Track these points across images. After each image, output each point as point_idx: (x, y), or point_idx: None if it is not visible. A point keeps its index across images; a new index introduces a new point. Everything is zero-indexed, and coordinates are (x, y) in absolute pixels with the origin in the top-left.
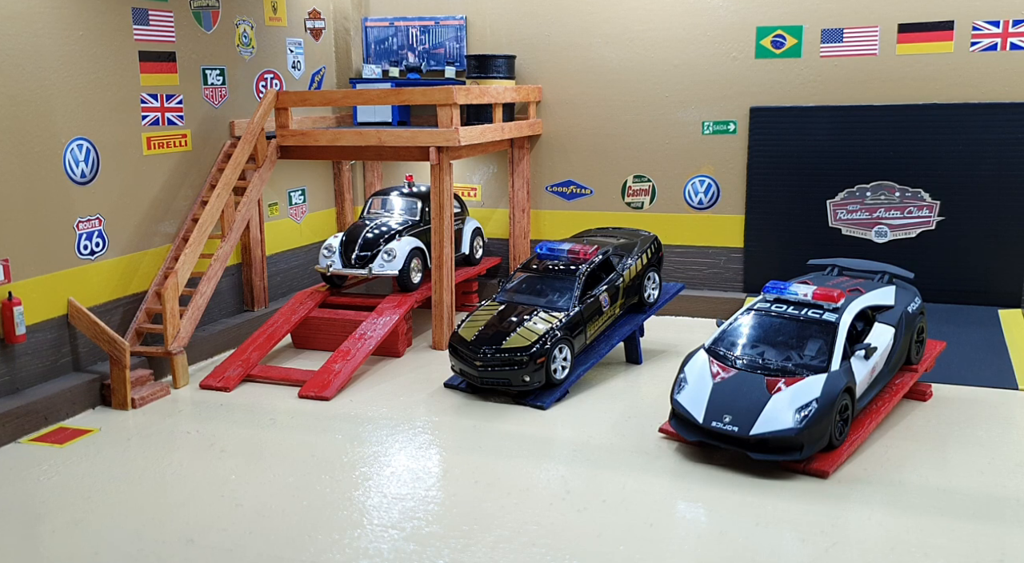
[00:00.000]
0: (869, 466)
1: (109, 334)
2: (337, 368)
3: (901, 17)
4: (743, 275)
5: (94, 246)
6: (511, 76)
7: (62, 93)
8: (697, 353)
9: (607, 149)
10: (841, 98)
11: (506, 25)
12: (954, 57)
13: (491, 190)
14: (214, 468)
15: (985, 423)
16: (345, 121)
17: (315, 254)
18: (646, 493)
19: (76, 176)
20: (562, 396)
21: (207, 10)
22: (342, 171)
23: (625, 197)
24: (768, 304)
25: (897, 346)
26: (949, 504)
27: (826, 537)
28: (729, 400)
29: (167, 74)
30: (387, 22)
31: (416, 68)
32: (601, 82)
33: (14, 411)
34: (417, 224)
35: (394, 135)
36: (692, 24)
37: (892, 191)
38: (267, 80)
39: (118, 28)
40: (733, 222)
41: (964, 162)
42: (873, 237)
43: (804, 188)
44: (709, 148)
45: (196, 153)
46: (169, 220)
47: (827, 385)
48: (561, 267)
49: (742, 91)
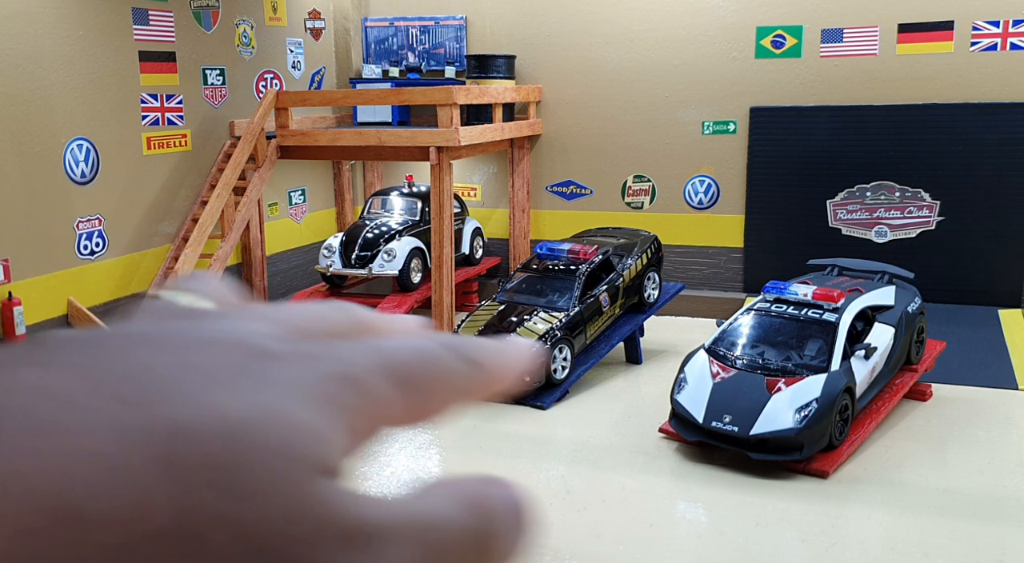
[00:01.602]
0: (869, 466)
1: None
2: None
3: (901, 17)
4: (743, 275)
5: (94, 246)
6: (511, 76)
7: (62, 93)
8: (697, 353)
9: (607, 149)
10: (841, 98)
11: (506, 25)
12: (954, 57)
13: (491, 190)
14: None
15: (985, 423)
16: (345, 121)
17: (315, 254)
18: (646, 493)
19: (76, 176)
20: (562, 396)
21: (207, 10)
22: (342, 171)
23: (625, 197)
24: (768, 304)
25: (897, 346)
26: (949, 504)
27: (826, 537)
28: (729, 400)
29: (167, 74)
30: (387, 22)
31: (416, 68)
32: (601, 82)
33: None
34: (417, 224)
35: (394, 135)
36: (692, 24)
37: (892, 191)
38: (267, 80)
39: (118, 28)
40: (733, 222)
41: (964, 162)
42: (873, 237)
43: (804, 188)
44: (709, 148)
45: (196, 153)
46: (169, 220)
47: (827, 385)
48: (561, 267)
49: (742, 91)
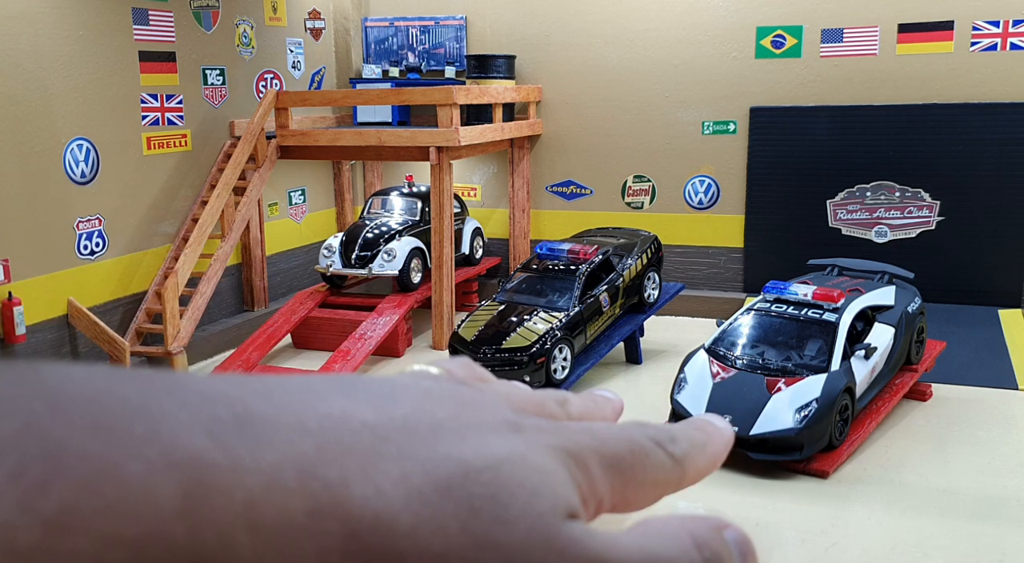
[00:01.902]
0: (869, 466)
1: (109, 334)
2: (337, 368)
3: (901, 17)
4: (743, 275)
5: (94, 246)
6: (511, 76)
7: (62, 93)
8: (697, 353)
9: (607, 149)
10: (841, 98)
11: (506, 25)
12: (954, 57)
13: (491, 190)
14: None
15: (985, 423)
16: (345, 121)
17: (315, 254)
18: None
19: (76, 176)
20: None
21: (207, 10)
22: (342, 171)
23: (625, 197)
24: (768, 304)
25: (897, 346)
26: (949, 504)
27: (826, 537)
28: (729, 400)
29: (167, 74)
30: (387, 22)
31: (416, 68)
32: (601, 82)
33: None
34: (417, 224)
35: (394, 135)
36: (692, 24)
37: (892, 191)
38: (267, 80)
39: (118, 28)
40: (733, 222)
41: (964, 162)
42: (873, 237)
43: (804, 188)
44: (709, 148)
45: (196, 153)
46: (169, 220)
47: (827, 385)
48: (561, 267)
49: (742, 91)
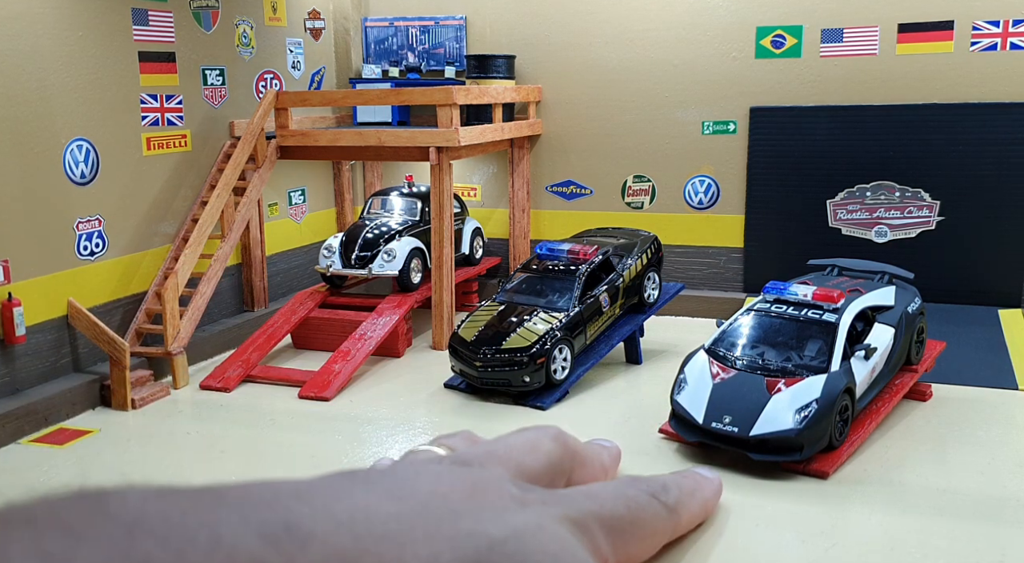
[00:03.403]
0: (869, 466)
1: (109, 335)
2: (337, 368)
3: (901, 17)
4: (743, 275)
5: (94, 247)
6: (511, 76)
7: (62, 93)
8: (697, 353)
9: (607, 149)
10: (841, 98)
11: (506, 25)
12: (954, 57)
13: (491, 190)
14: (214, 469)
15: (985, 423)
16: (345, 121)
17: (315, 254)
18: None
19: (76, 176)
20: (562, 396)
21: (207, 10)
22: (342, 171)
23: (625, 197)
24: (768, 304)
25: (897, 346)
26: (949, 504)
27: (826, 537)
28: (729, 401)
29: (167, 74)
30: (387, 22)
31: (416, 68)
32: (601, 82)
33: (14, 412)
34: (417, 224)
35: (394, 135)
36: (692, 24)
37: (892, 191)
38: (267, 80)
39: (118, 28)
40: (733, 222)
41: (964, 162)
42: (873, 237)
43: (804, 188)
44: (709, 148)
45: (196, 153)
46: (169, 220)
47: (827, 386)
48: (561, 267)
49: (742, 91)
